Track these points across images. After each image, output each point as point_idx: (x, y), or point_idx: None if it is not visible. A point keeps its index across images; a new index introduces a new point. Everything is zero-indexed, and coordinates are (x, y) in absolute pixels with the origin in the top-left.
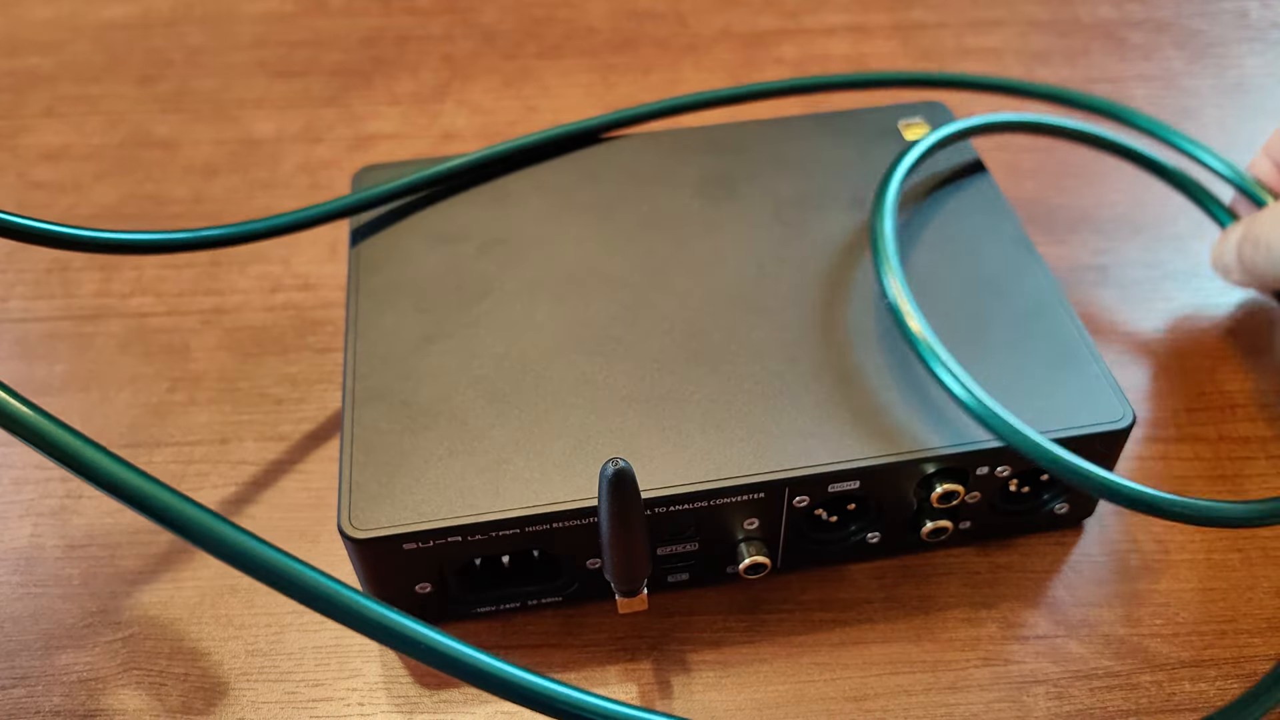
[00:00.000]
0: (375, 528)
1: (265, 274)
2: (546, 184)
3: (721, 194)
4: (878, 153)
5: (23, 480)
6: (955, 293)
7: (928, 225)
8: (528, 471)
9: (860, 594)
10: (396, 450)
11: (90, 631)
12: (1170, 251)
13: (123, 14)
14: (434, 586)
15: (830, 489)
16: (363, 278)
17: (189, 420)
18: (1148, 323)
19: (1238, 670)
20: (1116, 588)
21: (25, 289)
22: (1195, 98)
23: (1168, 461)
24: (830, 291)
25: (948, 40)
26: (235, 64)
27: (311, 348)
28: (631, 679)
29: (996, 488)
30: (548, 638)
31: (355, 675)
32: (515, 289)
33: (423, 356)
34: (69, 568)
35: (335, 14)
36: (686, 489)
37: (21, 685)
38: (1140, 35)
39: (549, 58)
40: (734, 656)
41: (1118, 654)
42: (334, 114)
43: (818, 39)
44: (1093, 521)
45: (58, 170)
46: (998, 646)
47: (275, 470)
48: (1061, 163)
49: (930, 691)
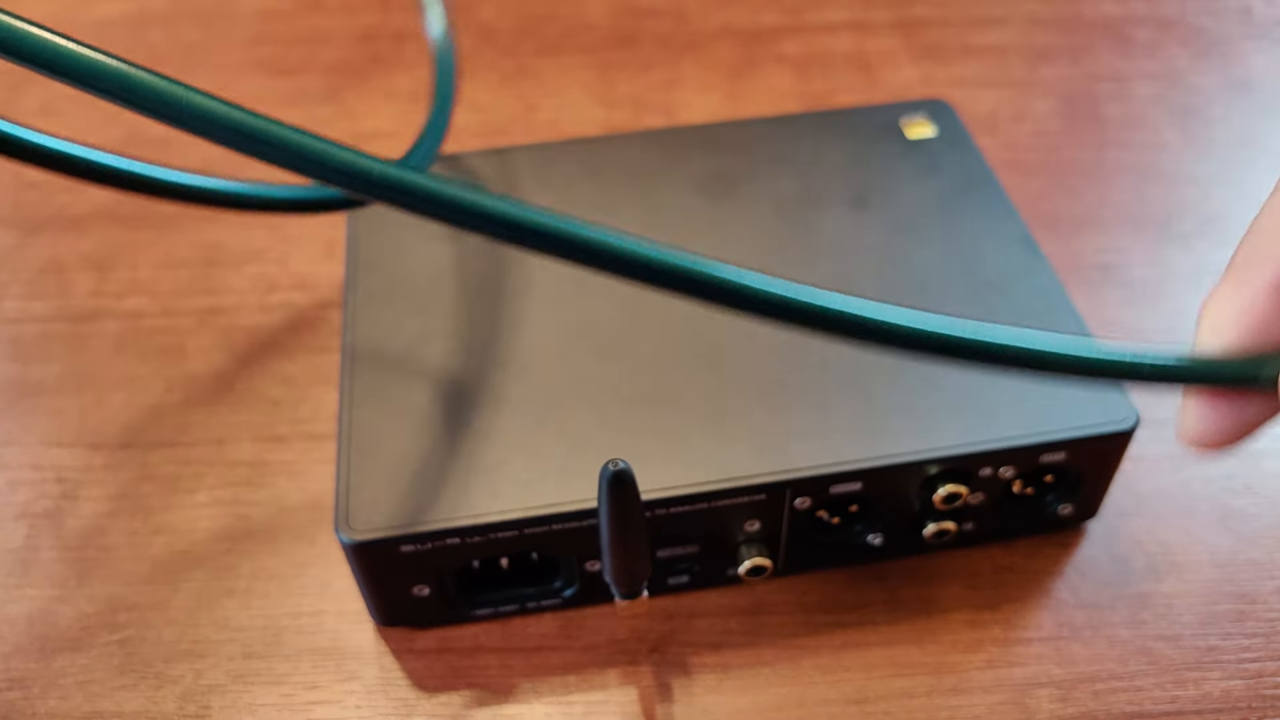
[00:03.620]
0: (372, 529)
1: (262, 274)
2: (546, 182)
3: (723, 192)
4: (879, 151)
5: (18, 481)
6: (958, 292)
7: (930, 224)
8: (526, 473)
9: (862, 596)
10: (394, 452)
11: (86, 634)
12: (1175, 250)
13: (118, 11)
14: (432, 589)
15: (832, 490)
16: (360, 277)
17: (185, 421)
18: (1153, 322)
19: (1242, 672)
20: (1120, 589)
21: (19, 289)
22: (1200, 95)
23: (1173, 461)
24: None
25: (950, 37)
26: (232, 61)
27: (309, 348)
28: (631, 682)
29: (999, 489)
30: (547, 640)
31: (353, 678)
32: (514, 288)
33: (421, 357)
34: (65, 569)
35: (332, 11)
36: (687, 490)
37: (17, 688)
38: (1144, 32)
39: (548, 55)
40: (735, 659)
41: (1121, 656)
42: (331, 111)
43: (819, 36)
44: (1096, 523)
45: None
46: (1001, 649)
47: (272, 471)
48: (1065, 161)
49: (933, 694)
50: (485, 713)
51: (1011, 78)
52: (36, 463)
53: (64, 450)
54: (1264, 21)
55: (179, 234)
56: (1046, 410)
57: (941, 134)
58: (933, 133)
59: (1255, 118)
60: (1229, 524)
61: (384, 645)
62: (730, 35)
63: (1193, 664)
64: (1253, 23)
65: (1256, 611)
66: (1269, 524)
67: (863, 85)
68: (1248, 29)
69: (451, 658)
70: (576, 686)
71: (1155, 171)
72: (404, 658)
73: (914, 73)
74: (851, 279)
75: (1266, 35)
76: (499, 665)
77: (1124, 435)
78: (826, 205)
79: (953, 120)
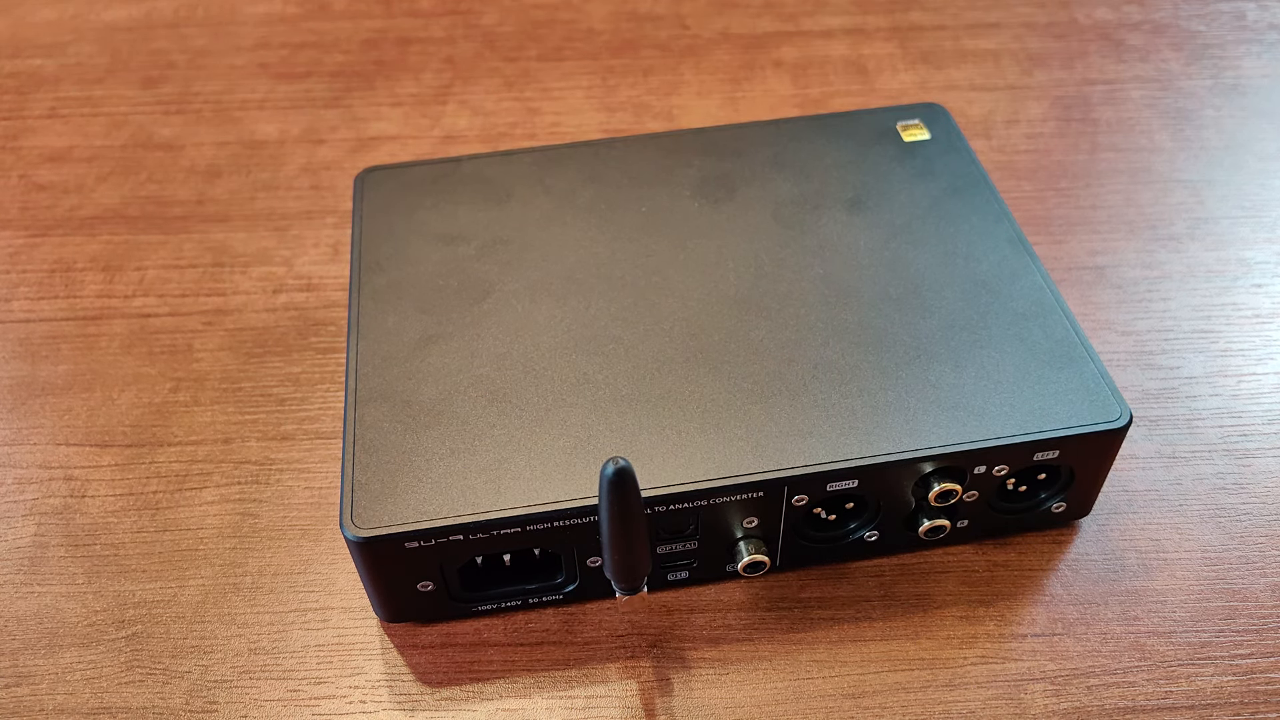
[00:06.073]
0: (377, 526)
1: (268, 275)
2: (548, 185)
3: (721, 195)
4: (876, 154)
5: (26, 480)
6: (952, 293)
7: (924, 226)
8: (529, 470)
9: (859, 592)
10: (399, 450)
11: (94, 630)
12: (1167, 252)
13: (125, 16)
14: (436, 584)
15: (829, 488)
16: (365, 278)
17: (192, 420)
18: (1144, 323)
19: (1234, 668)
20: (1113, 586)
21: (29, 289)
22: (1192, 99)
23: (1165, 459)
24: (828, 291)
25: (945, 42)
26: (238, 66)
27: (314, 348)
28: (631, 676)
29: (994, 486)
30: (548, 635)
31: (358, 673)
32: (516, 289)
33: (424, 356)
34: (72, 566)
35: (337, 16)
36: (686, 487)
37: (25, 683)
38: (1138, 37)
39: (550, 60)
40: (733, 654)
41: (1114, 651)
42: (336, 116)
43: (816, 41)
44: (1089, 520)
45: (60, 172)
46: (995, 644)
47: (278, 470)
48: (1058, 164)
49: (928, 689)
50: (488, 706)
51: (1005, 82)
52: (45, 461)
53: (72, 449)
54: (1257, 26)
55: (186, 235)
56: (1040, 409)
57: (936, 137)
58: (928, 136)
59: (1246, 121)
60: (1220, 521)
61: (388, 640)
62: (729, 41)
63: (1185, 660)
64: (1246, 27)
65: (1248, 608)
66: (1260, 521)
67: (859, 90)
68: (1241, 33)
69: (455, 652)
70: (578, 680)
71: (1147, 174)
72: (408, 653)
73: (909, 77)
74: (847, 280)
75: (1259, 39)
76: (502, 660)
77: (1116, 433)
78: (823, 207)
79: (947, 124)
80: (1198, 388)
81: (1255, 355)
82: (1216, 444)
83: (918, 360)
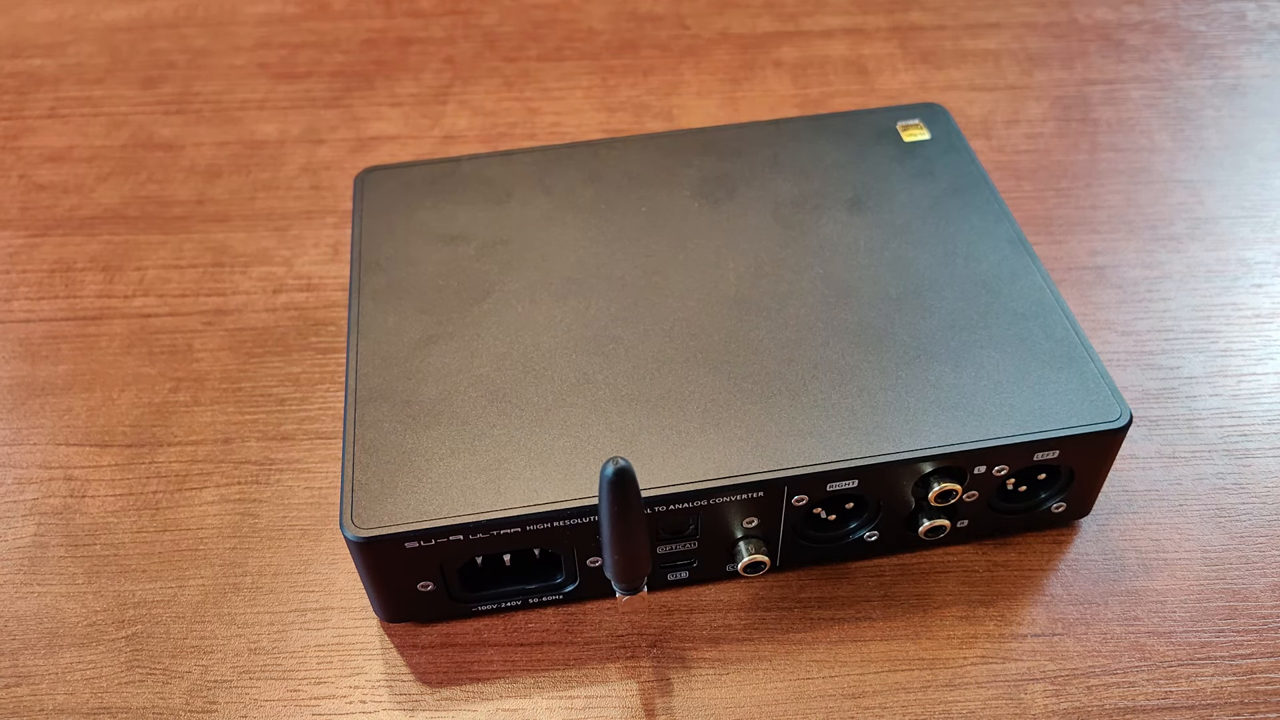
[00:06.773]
0: (377, 526)
1: (268, 275)
2: (548, 185)
3: (721, 195)
4: (876, 154)
5: (26, 480)
6: (952, 293)
7: (924, 226)
8: (529, 470)
9: (859, 592)
10: (398, 450)
11: (94, 630)
12: (1167, 252)
13: (125, 16)
14: (436, 584)
15: (829, 488)
16: (365, 278)
17: (192, 420)
18: (1144, 323)
19: (1234, 668)
20: (1113, 586)
21: (29, 289)
22: (1192, 99)
23: (1165, 459)
24: (828, 291)
25: (945, 42)
26: (238, 66)
27: (314, 348)
28: (631, 676)
29: (994, 486)
30: (548, 635)
31: (358, 673)
32: (516, 289)
33: (424, 356)
34: (72, 566)
35: (337, 16)
36: (686, 487)
37: (25, 683)
38: (1138, 37)
39: (550, 60)
40: (733, 654)
41: (1114, 651)
42: (336, 116)
43: (816, 41)
44: (1089, 520)
45: (60, 172)
46: (995, 644)
47: (278, 470)
48: (1058, 164)
49: (928, 689)
50: (488, 706)
51: (1005, 82)
52: (45, 461)
53: (72, 449)
54: (1257, 26)
55: (186, 235)
56: (1040, 409)
57: (936, 137)
58: (928, 136)
59: (1246, 121)
60: (1221, 521)
61: (388, 640)
62: (729, 41)
63: (1185, 660)
64: (1246, 27)
65: (1248, 608)
66: (1260, 521)
67: (859, 90)
68: (1241, 34)
69: (455, 652)
70: (578, 680)
71: (1147, 174)
72: (408, 653)
73: (909, 77)
74: (847, 280)
75: (1259, 39)
76: (502, 660)
77: (1116, 433)
78: (823, 207)
79: (947, 124)
80: (1198, 388)
81: (1255, 355)
82: (1216, 444)
83: (918, 360)
